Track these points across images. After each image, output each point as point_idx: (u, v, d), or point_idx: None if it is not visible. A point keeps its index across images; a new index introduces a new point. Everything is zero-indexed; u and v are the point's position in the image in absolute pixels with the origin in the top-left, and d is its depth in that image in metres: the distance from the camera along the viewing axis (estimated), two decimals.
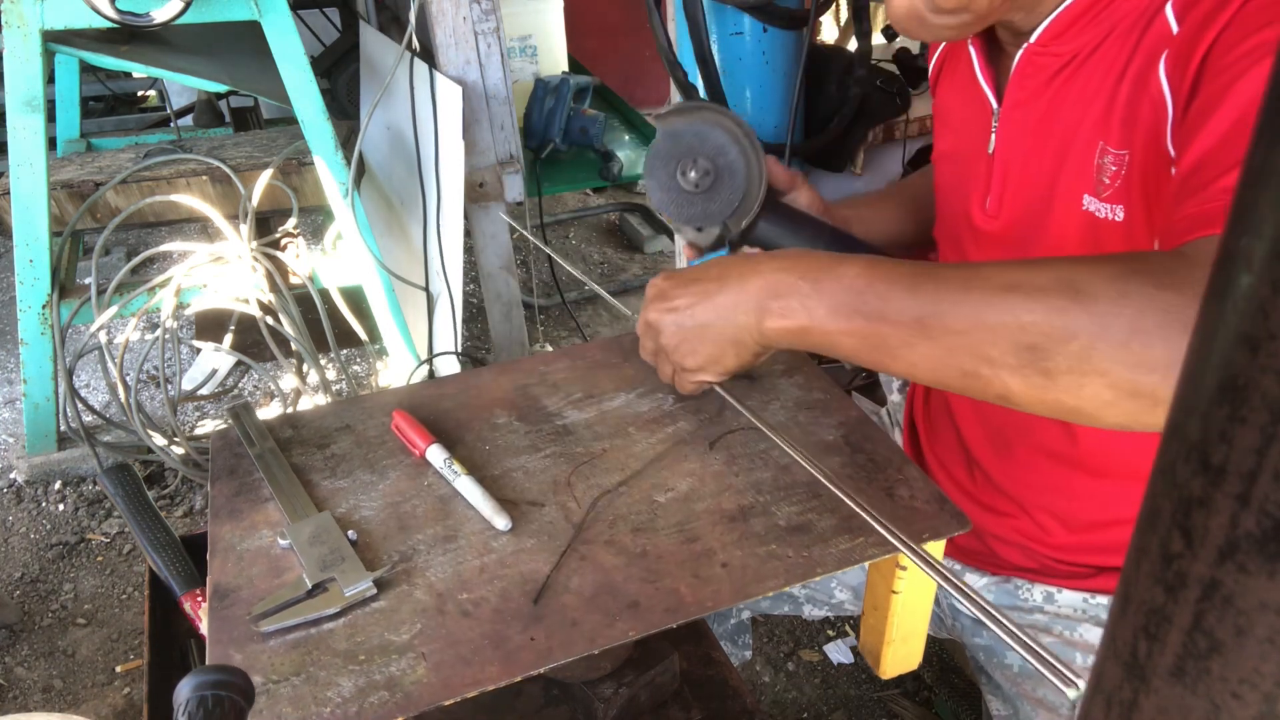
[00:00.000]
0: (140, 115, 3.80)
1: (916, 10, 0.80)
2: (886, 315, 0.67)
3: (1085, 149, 0.80)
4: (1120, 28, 0.77)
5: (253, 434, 0.85)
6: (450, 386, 0.93)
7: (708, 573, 0.69)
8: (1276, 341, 0.18)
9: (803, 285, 0.71)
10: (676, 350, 0.80)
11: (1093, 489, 0.94)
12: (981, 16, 0.79)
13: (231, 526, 0.76)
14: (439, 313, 2.06)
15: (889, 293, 0.68)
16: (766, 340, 0.75)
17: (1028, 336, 0.61)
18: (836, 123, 1.61)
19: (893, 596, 0.76)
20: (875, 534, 0.72)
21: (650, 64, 4.39)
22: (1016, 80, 0.86)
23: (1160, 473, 0.22)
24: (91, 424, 2.16)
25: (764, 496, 0.77)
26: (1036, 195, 0.86)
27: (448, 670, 0.62)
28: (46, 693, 1.73)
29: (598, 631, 0.65)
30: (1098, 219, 0.80)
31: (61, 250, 2.00)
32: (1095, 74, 0.79)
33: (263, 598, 0.68)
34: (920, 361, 0.67)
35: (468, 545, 0.73)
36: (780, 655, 1.79)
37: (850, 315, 0.69)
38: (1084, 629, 1.01)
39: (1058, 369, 0.60)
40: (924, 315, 0.65)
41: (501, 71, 2.03)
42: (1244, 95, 0.64)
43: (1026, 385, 0.62)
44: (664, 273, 0.84)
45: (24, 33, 1.71)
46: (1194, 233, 0.62)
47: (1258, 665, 0.20)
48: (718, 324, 0.76)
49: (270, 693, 0.61)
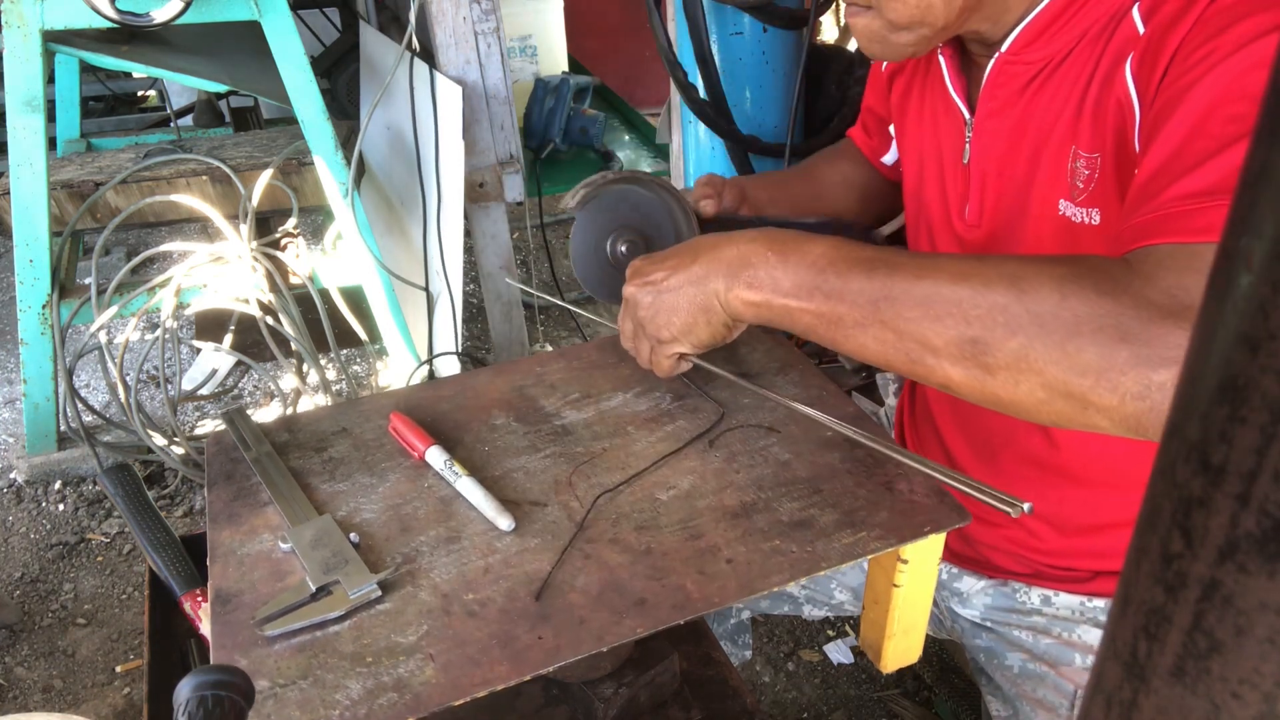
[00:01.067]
0: (140, 115, 3.80)
1: (875, 31, 0.82)
2: (844, 295, 0.69)
3: (1058, 154, 0.81)
4: (1090, 33, 0.77)
5: (248, 438, 0.85)
6: (447, 388, 0.93)
7: (713, 569, 0.69)
8: (1276, 341, 0.18)
9: (771, 257, 0.74)
10: (652, 322, 0.81)
11: (1077, 495, 0.95)
12: (940, 30, 0.80)
13: (231, 531, 0.76)
14: (439, 313, 2.06)
15: (849, 273, 0.70)
16: (733, 310, 0.77)
17: (971, 330, 0.64)
18: (836, 123, 1.61)
19: (894, 590, 0.77)
20: (877, 529, 0.72)
21: (650, 64, 4.38)
22: (989, 90, 0.86)
23: (1160, 473, 0.22)
24: (91, 424, 2.16)
25: (765, 493, 0.77)
26: (1014, 203, 0.87)
27: (456, 671, 0.62)
28: (46, 693, 1.73)
29: (605, 629, 0.65)
30: (1074, 223, 0.80)
31: (61, 250, 2.00)
32: (1066, 80, 0.79)
33: (266, 602, 0.67)
34: (870, 343, 0.69)
35: (471, 546, 0.73)
36: (780, 655, 1.79)
37: (810, 292, 0.71)
38: (1082, 630, 1.01)
39: (997, 364, 0.63)
40: (878, 299, 0.68)
41: (501, 71, 2.03)
42: (1199, 101, 0.64)
43: (966, 376, 0.65)
44: (644, 254, 0.85)
45: (24, 33, 1.71)
46: (1139, 241, 0.64)
47: (1258, 665, 0.20)
48: (690, 291, 0.78)
49: (278, 696, 0.61)
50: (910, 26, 0.79)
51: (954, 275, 0.66)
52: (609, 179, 0.93)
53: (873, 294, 0.68)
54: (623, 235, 0.92)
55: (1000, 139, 0.87)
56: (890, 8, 0.78)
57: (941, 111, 0.95)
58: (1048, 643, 1.02)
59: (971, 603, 1.09)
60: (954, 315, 0.65)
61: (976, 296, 0.64)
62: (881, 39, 0.82)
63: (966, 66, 0.92)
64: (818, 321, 0.72)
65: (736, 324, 0.79)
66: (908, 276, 0.67)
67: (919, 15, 0.78)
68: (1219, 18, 0.65)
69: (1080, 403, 0.61)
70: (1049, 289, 0.62)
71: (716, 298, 0.77)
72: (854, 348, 0.71)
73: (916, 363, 0.68)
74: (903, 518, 0.73)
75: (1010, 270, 0.64)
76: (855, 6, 0.82)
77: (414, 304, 2.17)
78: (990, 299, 0.63)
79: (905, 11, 0.78)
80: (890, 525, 0.73)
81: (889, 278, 0.68)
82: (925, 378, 0.68)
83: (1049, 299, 0.62)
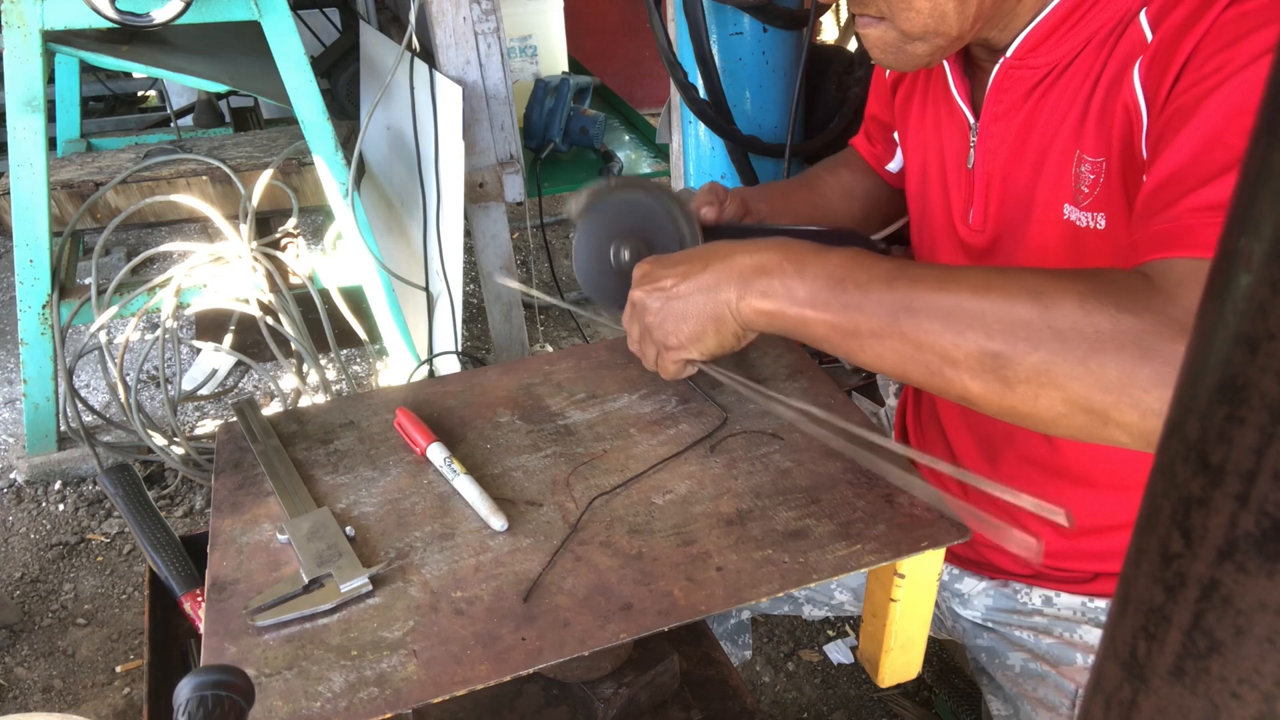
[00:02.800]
0: (140, 115, 3.80)
1: (890, 42, 0.81)
2: (863, 306, 0.69)
3: (1062, 158, 0.80)
4: (1096, 38, 0.77)
5: (256, 429, 0.86)
6: (454, 385, 0.94)
7: (702, 576, 0.69)
8: (1276, 341, 0.18)
9: (787, 267, 0.73)
10: (660, 328, 0.80)
11: (1078, 496, 0.94)
12: (954, 39, 0.79)
13: (233, 520, 0.77)
14: (439, 313, 2.06)
15: (868, 283, 0.69)
16: (745, 320, 0.76)
17: (993, 344, 0.63)
18: (836, 122, 1.61)
19: (891, 604, 0.76)
20: (873, 541, 0.72)
21: (650, 64, 4.39)
22: (994, 95, 0.86)
23: (1160, 472, 0.22)
24: (91, 424, 2.16)
25: (762, 501, 0.77)
26: (1018, 208, 0.87)
27: (438, 668, 0.62)
28: (46, 693, 1.73)
29: (589, 633, 0.65)
30: (1079, 228, 0.80)
31: (61, 250, 2.00)
32: (1071, 84, 0.79)
33: (260, 591, 0.68)
34: (888, 354, 0.69)
35: (464, 543, 0.73)
36: (780, 655, 1.79)
37: (827, 302, 0.71)
38: (1083, 630, 1.01)
39: (1017, 378, 0.63)
40: (898, 310, 0.67)
41: (501, 71, 2.04)
42: (1215, 111, 0.64)
43: (985, 389, 0.65)
44: (651, 257, 0.85)
45: (24, 33, 1.71)
46: (1156, 252, 0.64)
47: (1257, 665, 0.20)
48: (700, 299, 0.77)
49: (262, 686, 0.61)
50: (924, 36, 0.79)
51: (976, 288, 0.65)
52: (611, 186, 0.93)
53: (893, 305, 0.68)
54: (626, 242, 0.92)
55: (1005, 143, 0.87)
56: (904, 18, 0.77)
57: (945, 116, 0.95)
58: (1049, 643, 1.02)
59: (972, 603, 1.09)
60: (975, 329, 0.64)
61: (999, 310, 0.64)
62: (896, 49, 0.81)
63: (970, 70, 0.92)
64: (833, 332, 0.71)
65: (747, 333, 0.79)
66: (929, 289, 0.67)
67: (933, 25, 0.77)
68: (1233, 26, 0.64)
69: (1101, 418, 0.61)
70: (1072, 304, 0.62)
71: (728, 307, 0.76)
72: (869, 359, 0.70)
73: (935, 374, 0.67)
74: (901, 531, 0.72)
75: (1033, 284, 0.64)
76: (867, 18, 0.81)
77: (414, 304, 2.17)
78: (1013, 313, 0.63)
79: (919, 21, 0.77)
80: (887, 539, 0.72)
81: (910, 289, 0.68)
82: (943, 390, 0.68)
83: (1072, 314, 0.61)
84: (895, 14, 0.78)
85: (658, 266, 0.82)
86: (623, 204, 0.92)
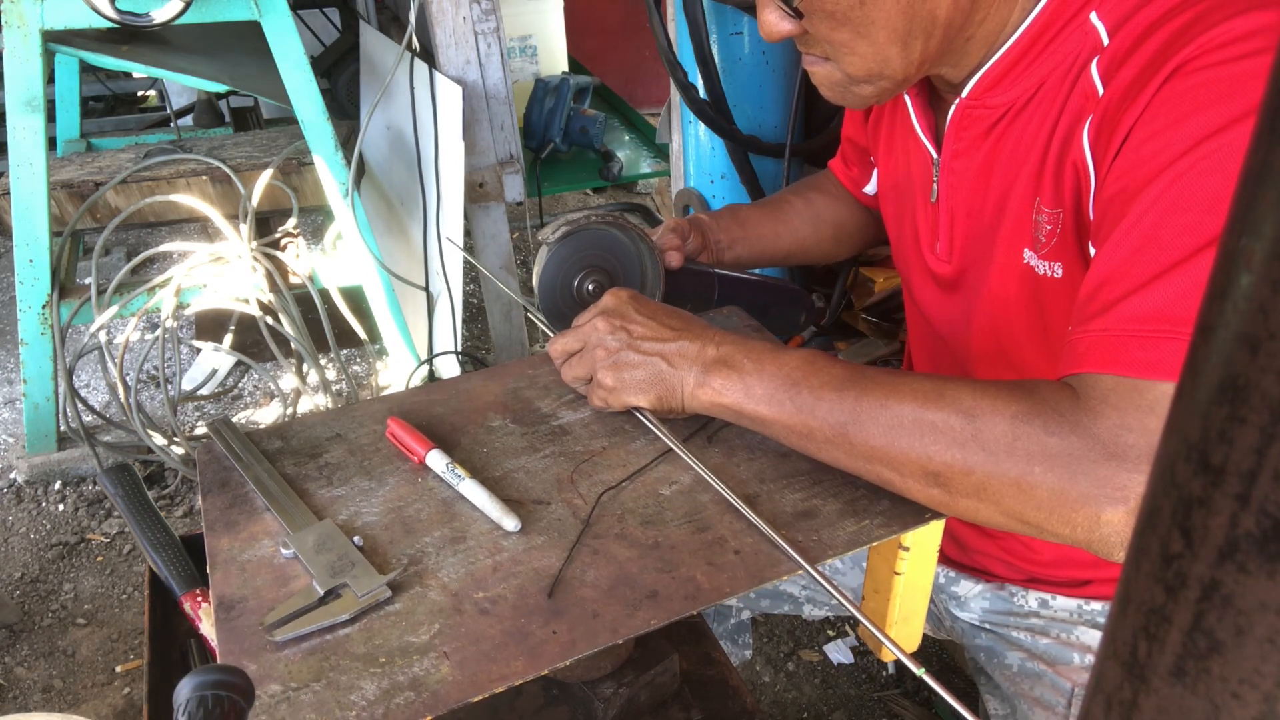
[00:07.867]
0: (140, 115, 3.80)
1: (836, 80, 0.81)
2: (816, 411, 0.72)
3: (1023, 204, 0.80)
4: (1051, 80, 0.76)
5: (236, 448, 0.84)
6: (440, 392, 0.93)
7: (722, 560, 0.70)
8: (1276, 341, 0.18)
9: (747, 364, 0.76)
10: (609, 365, 0.81)
11: None
12: (900, 82, 0.79)
13: (230, 539, 0.75)
14: (439, 313, 2.07)
15: (821, 389, 0.72)
16: (694, 405, 0.79)
17: (932, 465, 0.67)
18: (836, 122, 1.61)
19: (895, 578, 0.78)
20: (879, 516, 0.74)
21: (650, 64, 4.39)
22: (953, 132, 0.86)
23: (1160, 472, 0.22)
24: (91, 424, 2.16)
25: (767, 485, 0.78)
26: (981, 245, 0.87)
27: (473, 667, 0.62)
28: (46, 693, 1.73)
29: (620, 622, 0.65)
30: (1038, 275, 0.81)
31: (61, 250, 2.00)
32: (1029, 127, 0.78)
33: (271, 607, 0.67)
34: (841, 458, 0.73)
35: (478, 545, 0.73)
36: (780, 655, 1.79)
37: (783, 402, 0.74)
38: (1080, 631, 1.01)
39: (958, 492, 0.67)
40: (845, 423, 0.71)
41: (501, 71, 2.04)
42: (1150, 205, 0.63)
43: (930, 499, 0.70)
44: (624, 290, 0.85)
45: (24, 33, 1.71)
46: (1085, 365, 0.65)
47: (1258, 665, 0.20)
48: (659, 366, 0.79)
49: (291, 700, 0.60)
50: (869, 79, 0.78)
51: (919, 402, 0.68)
52: (592, 219, 0.97)
53: (842, 416, 0.71)
54: (592, 276, 0.98)
55: (966, 180, 0.86)
56: (847, 61, 0.77)
57: (912, 147, 0.95)
58: (1046, 643, 1.03)
59: (969, 606, 1.09)
60: (916, 447, 0.68)
61: (937, 429, 0.67)
62: (843, 89, 0.81)
63: (935, 102, 0.91)
64: (789, 432, 0.74)
65: (684, 412, 0.81)
66: (874, 401, 0.70)
67: (876, 68, 0.77)
68: (1176, 101, 0.63)
69: (1037, 529, 0.65)
70: (1003, 426, 0.65)
71: (683, 387, 0.79)
72: (826, 459, 0.74)
73: (886, 482, 0.71)
74: (903, 505, 0.74)
75: (968, 404, 0.67)
76: (812, 56, 0.81)
77: (414, 304, 2.17)
78: (950, 433, 0.66)
79: (862, 65, 0.77)
80: (892, 513, 0.74)
81: (857, 401, 0.70)
82: (896, 492, 0.72)
83: (1003, 436, 0.64)
84: (839, 57, 0.77)
85: (633, 307, 0.82)
86: (600, 239, 0.97)
